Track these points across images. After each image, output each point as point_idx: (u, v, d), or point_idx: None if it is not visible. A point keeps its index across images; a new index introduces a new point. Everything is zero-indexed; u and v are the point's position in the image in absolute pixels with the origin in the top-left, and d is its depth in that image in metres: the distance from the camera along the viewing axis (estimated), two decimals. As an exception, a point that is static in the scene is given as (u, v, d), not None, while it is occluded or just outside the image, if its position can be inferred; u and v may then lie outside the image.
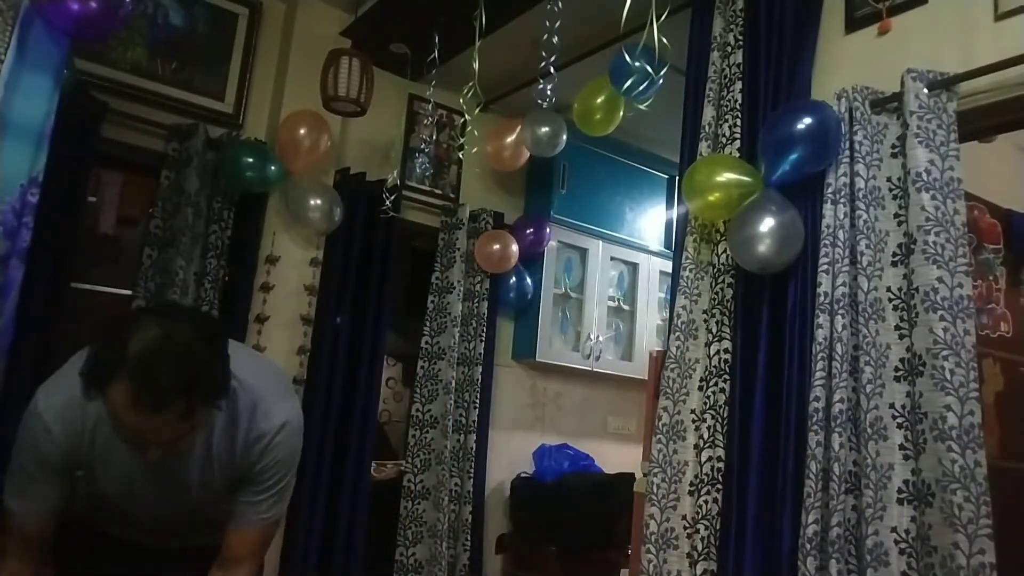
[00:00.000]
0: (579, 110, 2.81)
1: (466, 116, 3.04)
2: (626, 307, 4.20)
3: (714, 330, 2.20)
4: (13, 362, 2.15)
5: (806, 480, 1.85)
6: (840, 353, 1.88)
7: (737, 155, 2.25)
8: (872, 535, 1.77)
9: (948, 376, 1.71)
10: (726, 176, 2.12)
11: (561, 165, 3.85)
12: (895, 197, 1.95)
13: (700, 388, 2.20)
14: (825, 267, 1.94)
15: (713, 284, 2.25)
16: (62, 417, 1.38)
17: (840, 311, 1.90)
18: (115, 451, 1.38)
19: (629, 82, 2.51)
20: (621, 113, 2.72)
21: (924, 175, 1.84)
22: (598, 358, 3.97)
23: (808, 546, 1.81)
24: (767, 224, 1.98)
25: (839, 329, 1.89)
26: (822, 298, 1.92)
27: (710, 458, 2.12)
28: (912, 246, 1.84)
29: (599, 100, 2.72)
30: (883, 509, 1.78)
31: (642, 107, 2.57)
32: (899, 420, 1.82)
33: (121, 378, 1.17)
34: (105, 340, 1.21)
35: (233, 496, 1.52)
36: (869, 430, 1.83)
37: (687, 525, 2.13)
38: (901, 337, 1.86)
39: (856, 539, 1.82)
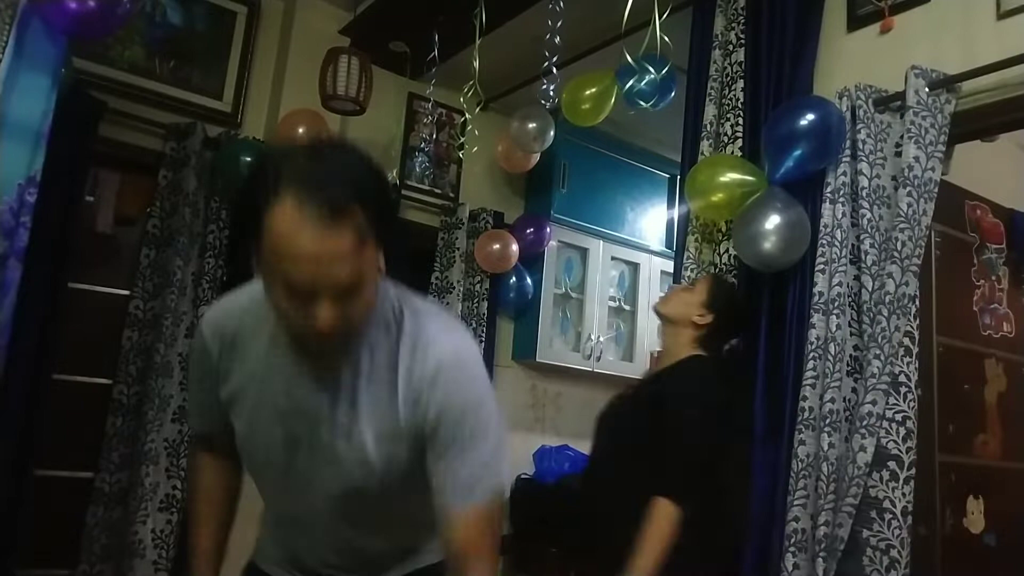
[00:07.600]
0: (567, 100, 2.76)
1: (466, 115, 3.03)
2: (627, 307, 4.19)
3: (715, 330, 2.19)
4: (11, 362, 2.14)
5: (806, 480, 1.84)
6: (833, 353, 1.87)
7: (739, 154, 2.24)
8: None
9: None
10: (729, 176, 2.11)
11: (561, 164, 3.83)
12: (899, 196, 1.94)
13: (701, 388, 2.19)
14: (822, 266, 1.93)
15: (714, 284, 2.23)
16: (216, 318, 1.32)
17: (835, 311, 1.89)
18: (259, 373, 1.21)
19: (631, 81, 2.50)
20: (612, 102, 2.68)
21: (906, 171, 1.84)
22: (599, 359, 3.96)
23: (815, 547, 1.80)
24: (773, 221, 1.97)
25: (833, 329, 1.88)
26: (817, 297, 1.92)
27: (711, 459, 2.10)
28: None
29: (589, 91, 2.69)
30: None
31: (646, 106, 2.55)
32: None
33: (282, 193, 0.95)
34: (253, 176, 1.01)
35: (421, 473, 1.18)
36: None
37: (688, 526, 2.12)
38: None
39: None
